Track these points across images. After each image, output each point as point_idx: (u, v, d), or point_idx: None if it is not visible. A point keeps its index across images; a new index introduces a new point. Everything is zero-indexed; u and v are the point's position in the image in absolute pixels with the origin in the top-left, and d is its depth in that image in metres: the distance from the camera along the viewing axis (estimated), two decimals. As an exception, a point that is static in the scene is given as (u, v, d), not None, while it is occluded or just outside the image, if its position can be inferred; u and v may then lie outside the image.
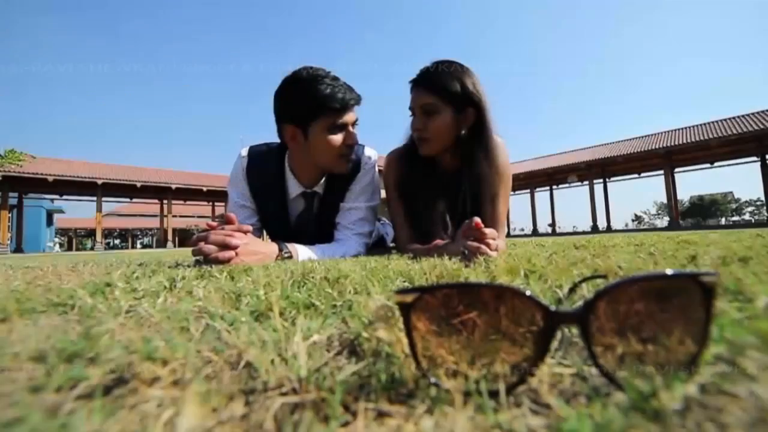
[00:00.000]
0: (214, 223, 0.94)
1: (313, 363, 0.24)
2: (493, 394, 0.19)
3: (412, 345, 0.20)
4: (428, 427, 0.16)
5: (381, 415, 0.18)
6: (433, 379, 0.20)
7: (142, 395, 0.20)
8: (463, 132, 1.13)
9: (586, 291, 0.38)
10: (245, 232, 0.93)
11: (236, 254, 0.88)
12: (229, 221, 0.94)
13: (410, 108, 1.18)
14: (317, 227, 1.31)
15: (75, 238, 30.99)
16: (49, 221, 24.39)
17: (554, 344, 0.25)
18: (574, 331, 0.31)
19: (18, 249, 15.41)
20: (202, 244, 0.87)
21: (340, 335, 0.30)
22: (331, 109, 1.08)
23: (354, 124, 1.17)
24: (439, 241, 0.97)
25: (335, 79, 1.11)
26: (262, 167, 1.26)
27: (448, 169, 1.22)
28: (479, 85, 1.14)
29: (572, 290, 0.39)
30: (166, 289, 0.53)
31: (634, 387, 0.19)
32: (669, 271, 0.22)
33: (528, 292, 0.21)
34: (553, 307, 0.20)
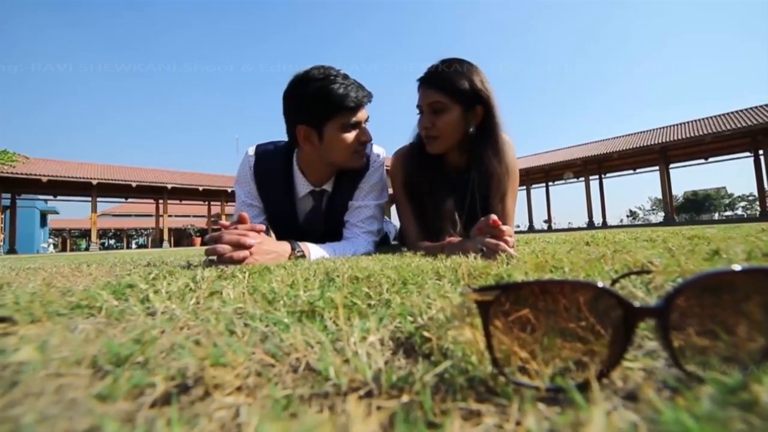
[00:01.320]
0: (227, 223, 0.93)
1: (375, 364, 0.24)
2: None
3: (490, 344, 0.20)
4: (533, 424, 0.15)
5: (473, 414, 0.18)
6: (513, 378, 0.20)
7: (216, 402, 0.20)
8: (471, 130, 1.13)
9: (632, 285, 0.38)
10: (258, 232, 0.93)
11: (250, 254, 0.87)
12: (242, 220, 0.93)
13: (418, 106, 1.17)
14: (325, 225, 1.30)
15: (69, 239, 30.68)
16: (43, 222, 24.14)
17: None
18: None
19: (11, 250, 15.22)
20: (214, 244, 0.86)
21: (392, 334, 0.30)
22: (346, 109, 1.08)
23: (366, 121, 1.16)
24: (452, 239, 0.96)
25: (346, 77, 1.10)
26: (270, 166, 1.25)
27: (456, 167, 1.22)
28: (487, 83, 1.14)
29: (612, 284, 0.39)
30: (192, 290, 0.52)
31: (718, 380, 0.19)
32: (738, 267, 0.22)
33: (602, 285, 0.21)
34: (636, 303, 0.20)
